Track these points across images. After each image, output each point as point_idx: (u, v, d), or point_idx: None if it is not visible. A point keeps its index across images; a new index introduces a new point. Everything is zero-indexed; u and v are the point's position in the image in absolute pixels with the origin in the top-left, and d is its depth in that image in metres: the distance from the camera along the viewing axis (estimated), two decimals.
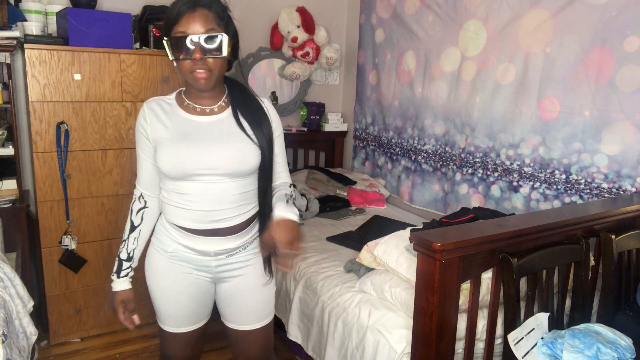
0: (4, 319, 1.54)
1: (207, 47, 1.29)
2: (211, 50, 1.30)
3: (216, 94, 1.44)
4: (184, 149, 1.38)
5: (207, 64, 1.31)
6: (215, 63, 1.32)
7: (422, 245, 1.36)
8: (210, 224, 1.43)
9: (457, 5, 2.66)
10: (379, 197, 3.21)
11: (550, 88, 2.25)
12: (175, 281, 1.50)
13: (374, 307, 1.85)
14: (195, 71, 1.31)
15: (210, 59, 1.31)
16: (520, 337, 1.48)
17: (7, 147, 2.33)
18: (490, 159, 2.58)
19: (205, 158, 1.37)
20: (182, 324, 1.56)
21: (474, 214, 2.03)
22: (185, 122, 1.42)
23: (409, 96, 3.06)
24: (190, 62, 1.31)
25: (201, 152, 1.37)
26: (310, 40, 3.22)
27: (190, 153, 1.37)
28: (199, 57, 1.29)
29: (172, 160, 1.38)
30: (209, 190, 1.39)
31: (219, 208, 1.41)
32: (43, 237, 2.44)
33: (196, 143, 1.38)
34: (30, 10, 2.39)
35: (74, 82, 2.37)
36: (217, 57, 1.31)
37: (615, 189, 2.07)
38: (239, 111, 1.44)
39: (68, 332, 2.59)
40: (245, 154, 1.40)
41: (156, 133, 1.41)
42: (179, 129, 1.41)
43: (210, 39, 1.29)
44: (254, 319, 1.56)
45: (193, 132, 1.40)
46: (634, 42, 1.94)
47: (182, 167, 1.37)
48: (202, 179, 1.39)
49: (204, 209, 1.41)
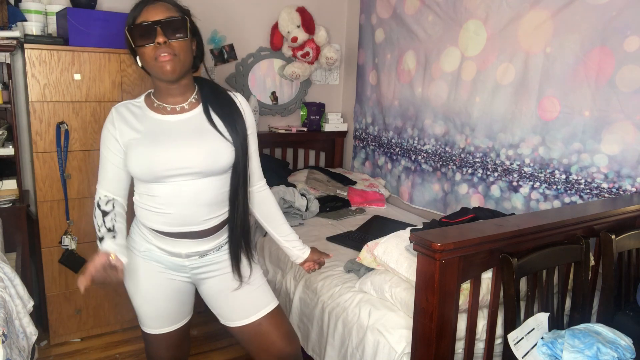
0: (4, 319, 1.54)
1: (170, 31, 1.29)
2: (174, 33, 1.29)
3: (185, 90, 1.42)
4: (154, 150, 1.36)
5: (170, 47, 1.30)
6: (179, 47, 1.31)
7: (422, 245, 1.36)
8: (181, 227, 1.41)
9: (457, 5, 2.66)
10: (379, 197, 3.21)
11: (550, 88, 2.25)
12: (151, 280, 1.50)
13: (374, 307, 1.85)
14: (159, 56, 1.29)
15: (174, 42, 1.30)
16: (520, 337, 1.48)
17: (7, 147, 2.33)
18: (490, 159, 2.58)
19: (177, 157, 1.35)
20: (162, 324, 1.55)
21: (474, 214, 2.03)
22: (155, 123, 1.40)
23: (409, 96, 3.06)
24: (153, 48, 1.29)
25: (172, 152, 1.35)
26: (310, 40, 3.22)
27: (160, 153, 1.35)
28: (162, 41, 1.28)
29: (142, 162, 1.36)
30: (181, 193, 1.37)
31: (191, 212, 1.39)
32: (43, 237, 2.44)
33: (167, 143, 1.36)
34: (30, 10, 2.39)
35: (74, 82, 2.37)
36: (181, 39, 1.31)
37: (615, 189, 2.07)
38: (210, 107, 1.42)
39: (68, 332, 2.59)
40: (218, 151, 1.38)
41: (125, 137, 1.39)
42: (150, 131, 1.39)
43: (171, 22, 1.30)
44: (253, 309, 1.52)
45: (163, 132, 1.38)
46: (634, 42, 1.94)
47: (153, 168, 1.35)
48: (173, 180, 1.36)
49: (176, 212, 1.39)
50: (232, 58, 3.26)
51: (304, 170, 3.42)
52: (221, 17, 3.15)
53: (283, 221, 1.61)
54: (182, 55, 1.32)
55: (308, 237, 2.57)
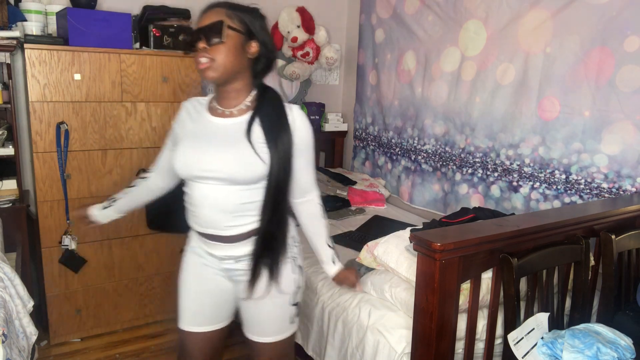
0: (4, 319, 1.54)
1: (210, 36, 1.32)
2: (212, 38, 1.32)
3: (237, 94, 1.41)
4: (192, 149, 1.40)
5: (208, 52, 1.32)
6: (216, 51, 1.32)
7: (422, 245, 1.36)
8: (208, 229, 1.42)
9: (457, 5, 2.66)
10: (379, 197, 3.21)
11: (550, 88, 2.25)
12: (195, 274, 1.53)
13: (374, 307, 1.85)
14: (198, 61, 1.33)
15: (213, 46, 1.32)
16: (520, 337, 1.48)
17: (7, 147, 2.33)
18: (490, 159, 2.58)
19: (207, 160, 1.37)
20: (200, 322, 1.54)
21: (474, 214, 2.03)
22: (204, 123, 1.43)
23: (409, 96, 3.06)
24: (197, 54, 1.34)
25: (205, 154, 1.37)
26: (310, 40, 3.22)
27: (195, 153, 1.39)
28: (202, 46, 1.32)
29: (180, 158, 1.41)
30: (208, 196, 1.38)
31: (216, 216, 1.39)
32: (43, 237, 2.44)
33: (204, 144, 1.39)
34: (30, 10, 2.39)
35: (74, 82, 2.37)
36: (218, 44, 1.31)
37: (615, 189, 2.07)
38: (257, 117, 1.38)
39: (68, 332, 2.59)
40: (247, 163, 1.34)
41: (180, 130, 1.48)
42: (197, 130, 1.43)
43: (211, 27, 1.32)
44: (256, 331, 1.53)
45: (207, 133, 1.41)
46: (634, 42, 1.94)
47: (186, 166, 1.40)
48: (203, 182, 1.38)
49: (203, 213, 1.41)
50: None
51: None
52: None
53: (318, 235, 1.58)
54: (219, 59, 1.32)
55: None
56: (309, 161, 1.46)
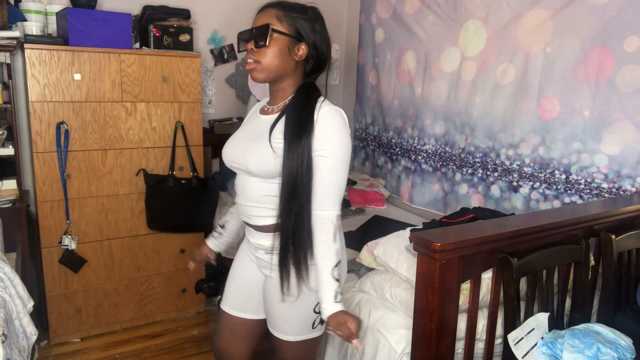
0: (4, 319, 1.54)
1: (258, 38, 1.36)
2: (260, 40, 1.36)
3: (282, 94, 1.45)
4: (229, 142, 1.53)
5: (255, 54, 1.38)
6: (262, 53, 1.36)
7: (422, 245, 1.36)
8: (242, 216, 1.53)
9: (457, 5, 2.66)
10: (379, 197, 3.21)
11: (550, 88, 2.25)
12: (241, 257, 1.65)
13: (374, 307, 1.85)
14: (246, 61, 1.41)
15: (258, 49, 1.37)
16: (520, 337, 1.48)
17: (7, 147, 2.33)
18: (490, 159, 2.58)
19: (235, 151, 1.47)
20: (233, 305, 1.63)
21: (474, 214, 2.03)
22: (251, 119, 1.55)
23: (408, 96, 3.06)
24: (246, 55, 1.41)
25: (235, 145, 1.49)
26: None
27: (230, 145, 1.51)
28: (250, 47, 1.38)
29: (224, 149, 1.53)
30: (239, 184, 1.50)
31: (246, 203, 1.48)
32: (43, 237, 2.44)
33: (239, 138, 1.50)
34: (30, 10, 2.39)
35: (74, 82, 2.37)
36: (262, 47, 1.36)
37: (615, 189, 2.07)
38: (286, 115, 1.39)
39: (68, 332, 2.59)
40: (261, 155, 1.37)
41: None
42: (245, 126, 1.55)
43: (259, 30, 1.36)
44: (272, 324, 1.54)
45: (247, 128, 1.52)
46: (634, 42, 1.94)
47: (224, 156, 1.52)
48: (238, 172, 1.49)
49: (239, 200, 1.51)
50: (232, 58, 3.26)
51: None
52: (221, 17, 3.14)
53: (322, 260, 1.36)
54: (264, 62, 1.37)
55: None
56: (328, 169, 1.36)
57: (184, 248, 2.78)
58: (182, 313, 2.89)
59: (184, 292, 2.85)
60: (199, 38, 3.04)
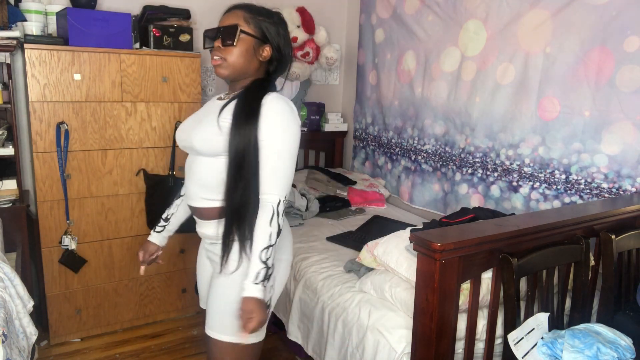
0: (4, 319, 1.54)
1: (226, 37, 1.42)
2: (227, 39, 1.42)
3: (239, 87, 1.49)
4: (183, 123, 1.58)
5: (221, 52, 1.43)
6: (228, 52, 1.42)
7: (422, 245, 1.36)
8: (188, 199, 1.54)
9: (457, 5, 2.66)
10: (379, 197, 3.21)
11: (550, 88, 2.25)
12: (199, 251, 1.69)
13: (374, 307, 1.85)
14: (212, 58, 1.46)
15: (226, 47, 1.42)
16: (520, 337, 1.48)
17: (7, 147, 2.33)
18: (490, 159, 2.58)
19: (182, 129, 1.54)
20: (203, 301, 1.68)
21: (474, 214, 2.03)
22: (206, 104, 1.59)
23: (408, 96, 3.06)
24: (212, 51, 1.46)
25: (184, 125, 1.55)
26: (310, 40, 3.22)
27: (182, 126, 1.57)
28: (217, 45, 1.44)
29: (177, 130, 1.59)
30: (187, 164, 1.53)
31: (190, 185, 1.50)
32: (43, 237, 2.44)
33: (190, 119, 1.57)
34: (30, 10, 2.39)
35: (74, 82, 2.37)
36: (229, 46, 1.41)
37: (615, 189, 2.07)
38: (236, 99, 1.43)
39: (68, 332, 2.59)
40: (206, 134, 1.41)
41: None
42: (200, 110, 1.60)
43: (227, 30, 1.42)
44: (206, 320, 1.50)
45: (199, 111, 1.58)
46: (634, 42, 1.94)
47: (176, 137, 1.56)
48: (187, 151, 1.53)
49: (186, 182, 1.53)
50: None
51: (304, 170, 3.42)
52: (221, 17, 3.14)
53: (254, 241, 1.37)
54: (230, 60, 1.43)
55: (308, 237, 2.57)
56: (273, 154, 1.37)
57: (184, 248, 2.78)
58: (182, 313, 2.89)
59: (184, 292, 2.85)
60: (199, 38, 3.04)
